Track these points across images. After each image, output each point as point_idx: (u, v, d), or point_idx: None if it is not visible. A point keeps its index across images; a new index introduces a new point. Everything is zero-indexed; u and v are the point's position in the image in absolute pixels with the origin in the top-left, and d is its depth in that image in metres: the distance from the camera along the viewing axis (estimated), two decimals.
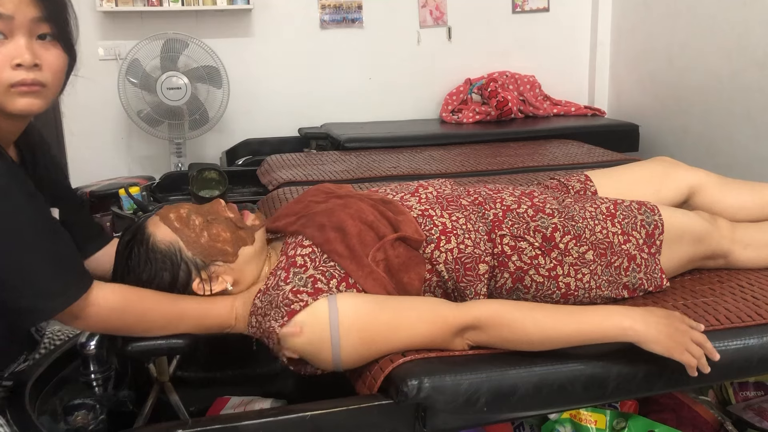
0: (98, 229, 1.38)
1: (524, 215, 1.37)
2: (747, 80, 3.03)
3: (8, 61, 0.99)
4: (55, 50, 1.04)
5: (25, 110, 1.04)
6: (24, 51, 0.99)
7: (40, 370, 1.27)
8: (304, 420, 1.09)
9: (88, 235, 1.35)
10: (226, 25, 3.65)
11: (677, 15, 3.46)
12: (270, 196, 2.24)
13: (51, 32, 1.03)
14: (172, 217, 1.21)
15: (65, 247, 1.08)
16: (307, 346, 1.15)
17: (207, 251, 1.20)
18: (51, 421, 1.23)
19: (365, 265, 1.21)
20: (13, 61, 0.99)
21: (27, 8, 0.99)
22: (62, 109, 3.51)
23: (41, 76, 1.02)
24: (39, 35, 1.02)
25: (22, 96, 1.02)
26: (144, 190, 2.78)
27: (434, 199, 1.39)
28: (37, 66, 1.01)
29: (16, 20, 0.98)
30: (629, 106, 3.94)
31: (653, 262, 1.42)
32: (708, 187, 1.62)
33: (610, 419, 1.53)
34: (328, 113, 3.82)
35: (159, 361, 1.55)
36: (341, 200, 1.35)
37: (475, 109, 3.76)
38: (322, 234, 1.24)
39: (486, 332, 1.16)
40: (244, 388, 1.75)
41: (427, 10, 3.90)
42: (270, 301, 1.17)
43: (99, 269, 1.31)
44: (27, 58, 0.99)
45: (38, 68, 1.02)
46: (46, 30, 1.02)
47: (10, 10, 0.97)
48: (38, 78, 1.02)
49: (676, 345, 1.12)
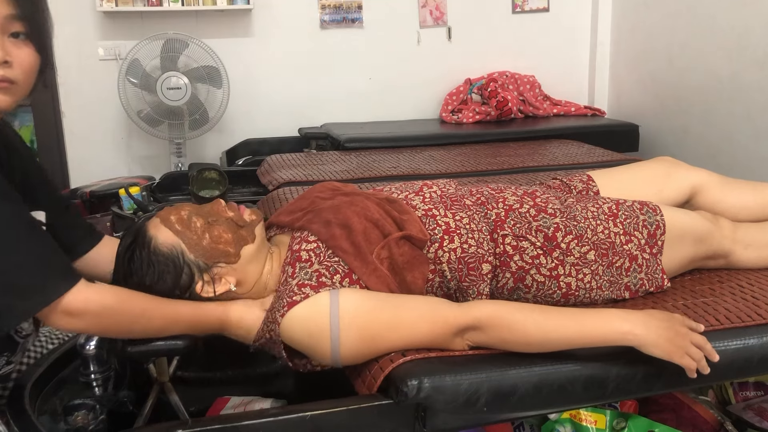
0: (89, 229, 1.35)
1: (526, 215, 1.37)
2: (747, 80, 3.03)
3: None
4: (27, 49, 1.04)
5: None
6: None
7: (40, 370, 1.27)
8: (304, 420, 1.09)
9: (78, 236, 1.33)
10: (226, 25, 3.65)
11: (677, 15, 3.46)
12: (270, 196, 2.24)
13: (24, 31, 1.02)
14: (173, 220, 1.20)
15: (44, 246, 1.06)
16: (306, 338, 1.14)
17: (209, 253, 1.19)
18: (51, 421, 1.23)
19: (369, 262, 1.21)
20: None
21: (1, 5, 0.98)
22: (62, 109, 3.51)
23: (11, 73, 1.02)
24: (12, 33, 1.02)
25: None
26: (144, 190, 2.78)
27: (438, 198, 1.39)
28: (7, 63, 1.01)
29: None
30: (629, 106, 3.94)
31: (655, 262, 1.42)
32: (710, 187, 1.61)
33: (610, 419, 1.53)
34: (328, 113, 3.82)
35: (159, 362, 1.54)
36: (347, 197, 1.36)
37: (475, 109, 3.76)
38: (328, 230, 1.25)
39: (486, 333, 1.16)
40: (244, 388, 1.75)
41: (427, 10, 3.90)
42: (279, 296, 1.19)
43: (95, 269, 1.30)
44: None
45: (8, 65, 1.01)
46: (20, 29, 1.02)
47: None
48: (7, 75, 1.01)
49: (676, 349, 1.12)
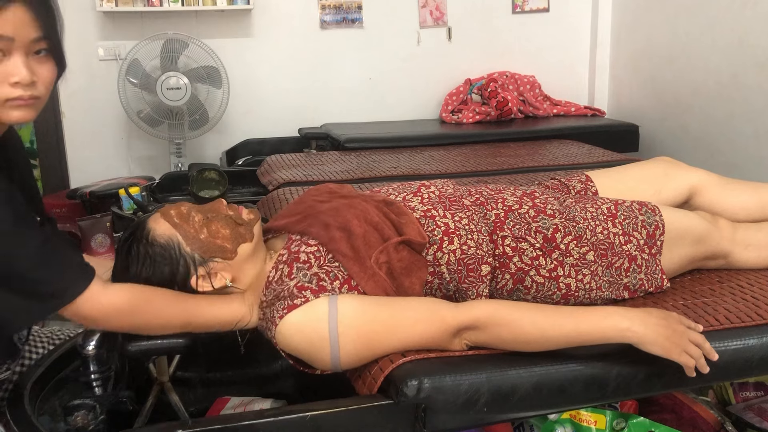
0: None
1: (525, 216, 1.37)
2: (747, 80, 3.03)
3: (5, 78, 1.01)
4: (49, 64, 1.06)
5: (18, 121, 1.06)
6: (22, 70, 1.01)
7: (40, 370, 1.27)
8: (304, 420, 1.09)
9: None
10: (226, 26, 3.65)
11: (677, 15, 3.46)
12: (270, 196, 2.24)
13: (46, 47, 1.05)
14: (173, 213, 1.21)
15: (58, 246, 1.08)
16: (305, 345, 1.14)
17: (206, 247, 1.20)
18: (51, 421, 1.23)
19: (368, 267, 1.21)
20: (11, 79, 1.01)
21: (27, 29, 1.00)
22: (62, 109, 3.51)
23: (36, 91, 1.04)
24: (35, 51, 1.04)
25: (15, 109, 1.04)
26: (144, 190, 2.78)
27: (437, 199, 1.39)
28: (33, 83, 1.03)
29: (17, 41, 1.00)
30: (629, 106, 3.94)
31: (654, 262, 1.42)
32: (709, 188, 1.61)
33: (610, 419, 1.53)
34: (328, 113, 3.82)
35: (159, 361, 1.54)
36: (346, 200, 1.35)
37: (475, 110, 3.76)
38: (327, 233, 1.25)
39: (484, 332, 1.16)
40: (244, 388, 1.75)
41: (427, 10, 3.90)
42: (275, 294, 1.18)
43: None
44: (25, 77, 1.01)
45: (34, 85, 1.04)
46: (43, 46, 1.04)
47: (10, 32, 0.98)
48: (34, 93, 1.04)
49: (674, 346, 1.12)
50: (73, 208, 3.12)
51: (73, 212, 3.10)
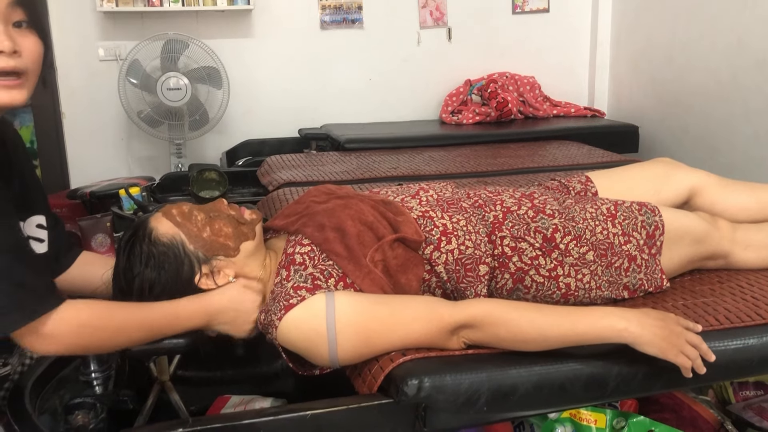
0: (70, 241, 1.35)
1: (524, 216, 1.37)
2: (747, 80, 3.03)
3: None
4: (33, 37, 1.03)
5: (7, 104, 1.02)
6: (3, 37, 0.98)
7: (40, 369, 1.28)
8: (304, 419, 1.09)
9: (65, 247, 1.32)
10: (227, 26, 3.65)
11: (677, 15, 3.47)
12: (270, 196, 2.24)
13: (26, 19, 1.02)
14: (175, 212, 1.22)
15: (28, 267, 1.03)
16: (303, 342, 1.15)
17: (209, 245, 1.21)
18: (51, 421, 1.23)
19: (363, 265, 1.22)
20: None
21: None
22: (62, 109, 3.51)
23: (22, 63, 1.01)
24: (14, 23, 1.01)
25: (2, 90, 1.00)
26: (144, 190, 2.78)
27: (435, 201, 1.39)
28: (17, 53, 1.00)
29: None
30: (629, 106, 3.94)
31: (653, 262, 1.42)
32: (708, 188, 1.61)
33: (610, 419, 1.53)
34: (328, 114, 3.82)
35: (159, 360, 1.55)
36: (342, 201, 1.36)
37: (475, 110, 3.76)
38: (322, 234, 1.25)
39: (482, 331, 1.16)
40: (245, 387, 1.75)
41: (427, 10, 3.90)
42: (274, 297, 1.19)
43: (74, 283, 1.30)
44: (7, 45, 0.98)
45: (18, 55, 1.00)
46: (21, 16, 1.01)
47: None
48: (19, 65, 1.00)
49: (671, 347, 1.12)
50: (73, 208, 3.12)
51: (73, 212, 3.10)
